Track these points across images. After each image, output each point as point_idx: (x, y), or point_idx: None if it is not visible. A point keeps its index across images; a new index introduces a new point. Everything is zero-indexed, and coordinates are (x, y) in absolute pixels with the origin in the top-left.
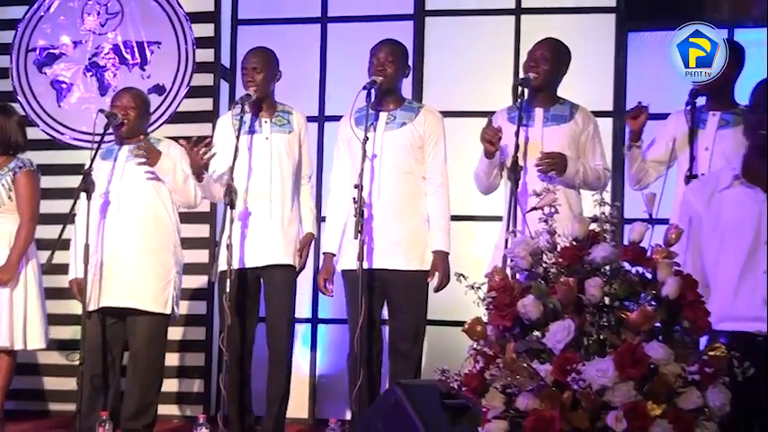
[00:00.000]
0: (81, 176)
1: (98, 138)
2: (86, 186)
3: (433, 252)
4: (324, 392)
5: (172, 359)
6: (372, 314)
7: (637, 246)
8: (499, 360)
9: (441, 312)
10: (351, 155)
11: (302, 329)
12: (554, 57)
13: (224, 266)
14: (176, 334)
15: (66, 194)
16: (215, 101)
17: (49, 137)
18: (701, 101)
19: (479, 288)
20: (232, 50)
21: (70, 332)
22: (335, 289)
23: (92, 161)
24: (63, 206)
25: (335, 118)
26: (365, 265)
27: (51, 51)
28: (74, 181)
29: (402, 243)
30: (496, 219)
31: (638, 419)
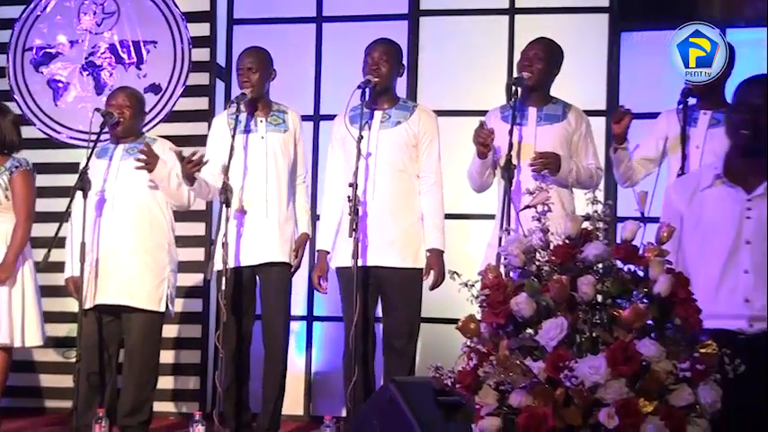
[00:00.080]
0: (77, 175)
1: (94, 137)
2: (83, 185)
3: (428, 250)
4: (319, 389)
5: (168, 356)
6: (367, 312)
7: (629, 244)
8: (492, 357)
9: (434, 310)
10: (345, 153)
11: (297, 327)
12: (547, 56)
13: (220, 265)
14: (173, 331)
15: (62, 193)
16: (211, 100)
17: (46, 136)
18: (693, 100)
19: (473, 286)
20: (228, 50)
21: (65, 330)
22: (330, 286)
23: (88, 160)
24: (59, 205)
25: (330, 117)
26: (359, 263)
27: (48, 51)
28: (70, 180)
29: (396, 241)
30: (490, 217)
31: (629, 416)
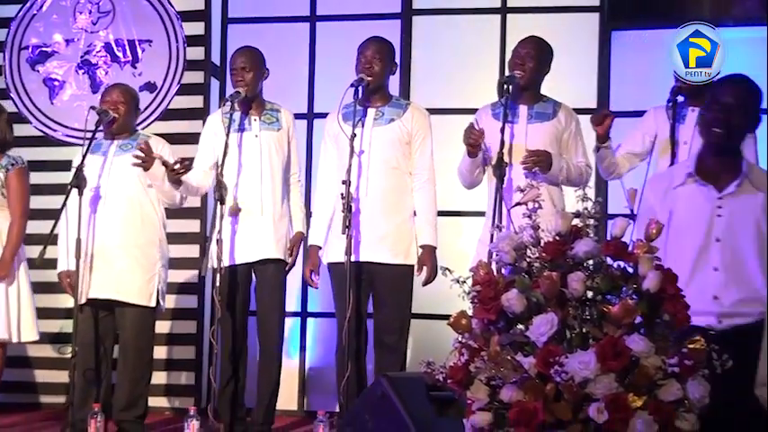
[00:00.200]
0: (71, 172)
1: (89, 134)
2: (78, 182)
3: (421, 246)
4: (313, 385)
5: (163, 352)
6: (359, 308)
7: (618, 241)
8: (484, 353)
9: (426, 306)
10: (338, 150)
11: (291, 323)
12: (539, 55)
13: (215, 262)
14: (167, 327)
15: (58, 190)
16: (205, 98)
17: (42, 133)
18: (680, 98)
19: (464, 282)
20: (222, 48)
21: (59, 325)
22: (322, 282)
23: (83, 158)
24: (55, 202)
25: (324, 115)
26: (352, 259)
27: (44, 49)
28: (66, 177)
29: (388, 237)
30: (482, 214)
31: (619, 411)
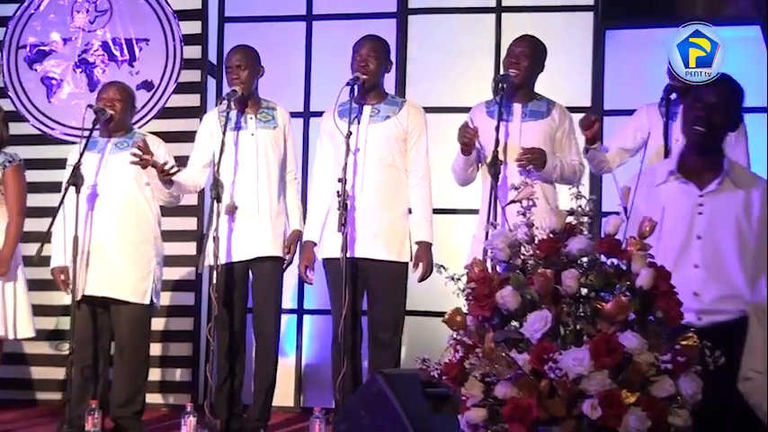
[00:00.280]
0: (66, 169)
1: (87, 133)
2: (75, 180)
3: (417, 243)
4: (309, 381)
5: (161, 349)
6: (355, 304)
7: (612, 238)
8: (478, 349)
9: (421, 303)
10: (334, 148)
11: (288, 320)
12: (533, 54)
13: (212, 259)
14: (165, 324)
15: (55, 188)
16: (202, 97)
17: (40, 132)
18: (673, 95)
19: (459, 279)
20: (219, 47)
21: (55, 322)
22: (317, 277)
23: (80, 155)
24: (52, 200)
25: (320, 113)
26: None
27: (41, 48)
28: (63, 175)
29: (382, 234)
30: (477, 212)
31: (612, 407)
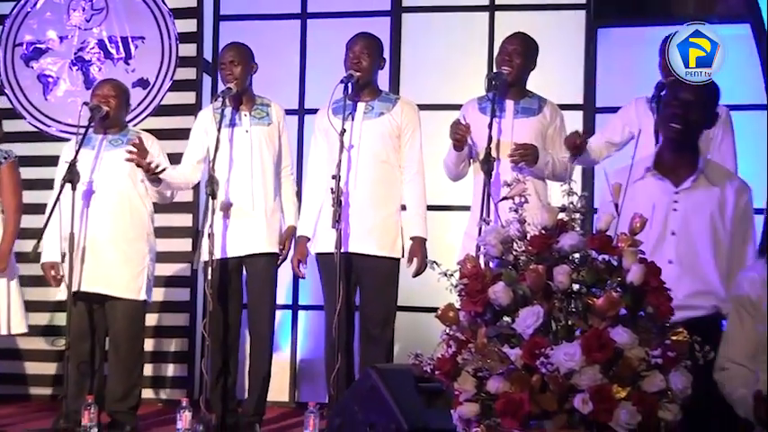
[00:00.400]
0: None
1: (83, 130)
2: (71, 177)
3: (411, 238)
4: (304, 376)
5: (156, 344)
6: (348, 299)
7: (603, 234)
8: (471, 345)
9: (414, 299)
10: (328, 145)
11: (283, 316)
12: (525, 51)
13: (206, 256)
14: (160, 320)
15: (51, 185)
16: (198, 94)
17: (36, 129)
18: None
19: (452, 275)
20: (214, 45)
21: (49, 318)
22: (310, 272)
23: (76, 153)
24: (48, 197)
25: (315, 111)
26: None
27: (38, 46)
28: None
29: (375, 229)
30: (470, 208)
31: (603, 402)
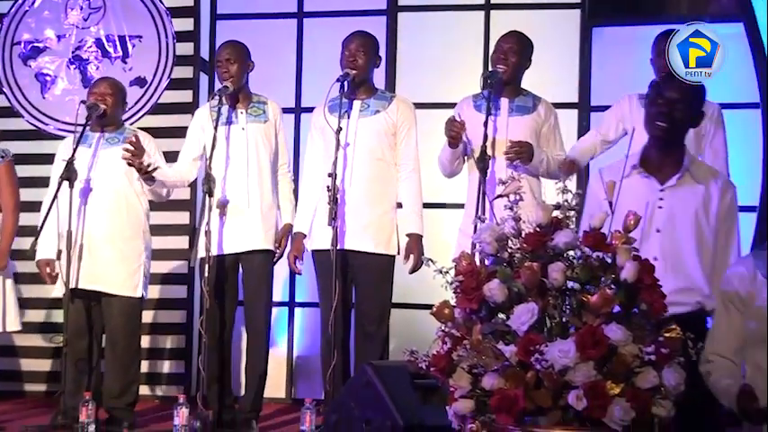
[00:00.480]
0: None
1: (80, 128)
2: (69, 175)
3: (408, 235)
4: (300, 373)
5: (153, 341)
6: (345, 296)
7: (597, 232)
8: (466, 341)
9: (410, 296)
10: (325, 142)
11: (279, 313)
12: (521, 50)
13: (203, 253)
14: (157, 317)
15: (49, 183)
16: (194, 93)
17: (34, 127)
18: None
19: (447, 272)
20: (211, 44)
21: (45, 315)
22: (307, 271)
23: (74, 151)
24: (46, 195)
25: (311, 109)
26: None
27: (36, 45)
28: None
29: (370, 226)
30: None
31: (597, 398)
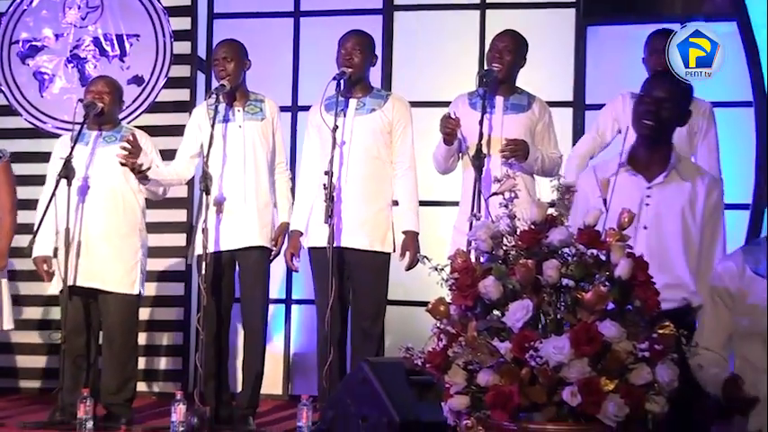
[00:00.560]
0: (61, 163)
1: (78, 127)
2: (67, 173)
3: (404, 232)
4: (297, 370)
5: (151, 338)
6: (341, 294)
7: (591, 229)
8: (461, 338)
9: (405, 293)
10: (321, 141)
11: (276, 310)
12: (516, 48)
13: (200, 250)
14: (154, 314)
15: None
16: (192, 91)
17: (32, 126)
18: None
19: (443, 270)
20: (208, 43)
21: (42, 312)
22: (304, 268)
23: (72, 149)
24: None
25: (308, 108)
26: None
27: (34, 44)
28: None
29: (366, 224)
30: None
31: (592, 394)
